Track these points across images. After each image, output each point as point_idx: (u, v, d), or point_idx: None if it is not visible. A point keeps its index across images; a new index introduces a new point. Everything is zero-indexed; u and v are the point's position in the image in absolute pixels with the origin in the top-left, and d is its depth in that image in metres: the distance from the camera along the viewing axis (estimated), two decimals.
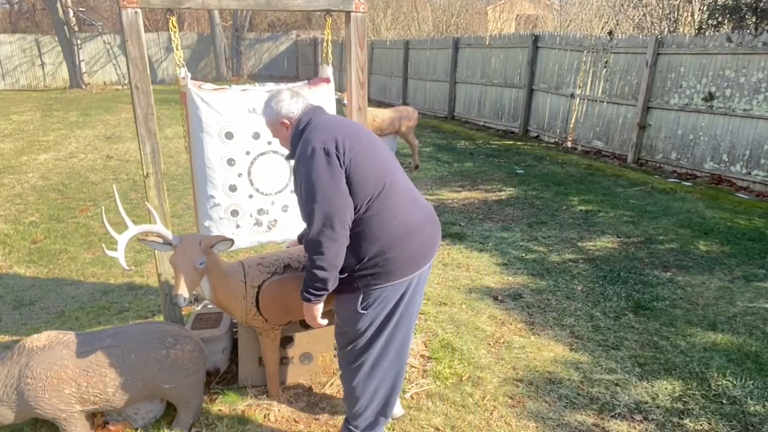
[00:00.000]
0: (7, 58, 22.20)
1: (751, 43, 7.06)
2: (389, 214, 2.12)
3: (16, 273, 4.59)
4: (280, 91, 2.36)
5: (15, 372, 2.35)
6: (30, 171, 8.14)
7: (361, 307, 2.20)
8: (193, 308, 3.51)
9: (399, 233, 2.13)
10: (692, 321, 3.77)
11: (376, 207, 2.11)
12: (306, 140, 2.14)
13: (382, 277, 2.15)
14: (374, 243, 2.11)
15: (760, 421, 2.77)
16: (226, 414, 2.78)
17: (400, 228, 2.14)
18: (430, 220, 2.28)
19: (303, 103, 2.33)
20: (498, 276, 4.53)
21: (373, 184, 2.11)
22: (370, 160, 2.13)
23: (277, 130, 2.36)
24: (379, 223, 2.11)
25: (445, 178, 7.85)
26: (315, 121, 2.22)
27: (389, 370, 2.35)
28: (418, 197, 2.28)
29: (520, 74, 11.41)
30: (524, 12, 24.68)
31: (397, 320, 2.26)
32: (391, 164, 2.24)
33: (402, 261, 2.15)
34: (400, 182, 2.21)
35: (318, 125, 2.19)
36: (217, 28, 24.72)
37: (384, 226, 2.11)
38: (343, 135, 2.12)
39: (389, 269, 2.14)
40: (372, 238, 2.11)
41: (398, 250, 2.14)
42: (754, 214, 6.12)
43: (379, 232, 2.11)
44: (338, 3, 2.95)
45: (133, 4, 2.59)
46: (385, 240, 2.12)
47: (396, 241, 2.13)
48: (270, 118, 2.34)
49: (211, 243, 2.43)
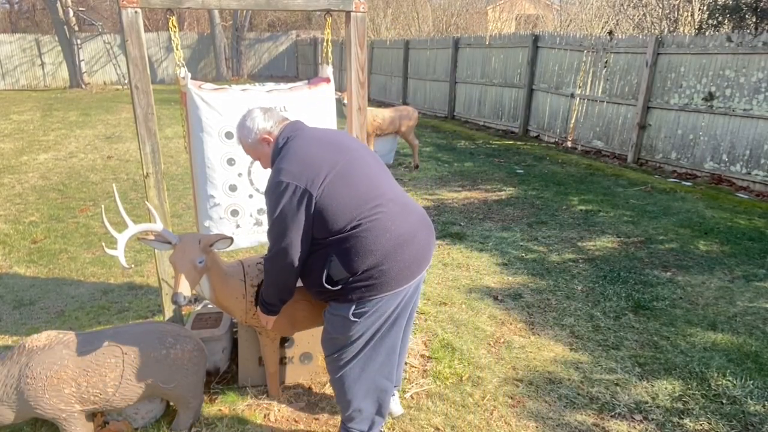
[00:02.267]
0: (7, 57, 22.21)
1: (751, 43, 7.06)
2: (380, 227, 2.07)
3: (16, 273, 4.59)
4: (249, 111, 2.30)
5: (15, 372, 2.35)
6: (30, 171, 8.14)
7: (353, 315, 2.15)
8: (193, 308, 3.51)
9: (392, 245, 2.09)
10: (692, 321, 3.77)
11: (366, 223, 2.06)
12: (277, 170, 2.10)
13: (377, 289, 2.11)
14: (367, 257, 2.07)
15: (760, 421, 2.77)
16: (226, 414, 2.78)
17: (393, 239, 2.09)
18: (423, 224, 2.23)
19: (278, 117, 2.29)
20: (498, 276, 4.53)
21: (356, 205, 2.06)
22: (349, 184, 2.08)
23: (257, 150, 2.30)
24: (370, 237, 2.06)
25: (445, 178, 7.85)
26: (290, 144, 2.17)
27: (379, 372, 2.31)
28: (408, 204, 2.23)
29: (520, 74, 11.41)
30: (524, 12, 24.68)
31: (389, 327, 2.23)
32: (378, 176, 2.18)
33: (398, 271, 2.11)
34: (388, 194, 2.16)
35: (292, 151, 2.13)
36: (217, 27, 24.71)
37: (376, 240, 2.06)
38: (317, 167, 2.06)
39: (384, 280, 2.10)
40: (364, 252, 2.06)
41: (393, 261, 2.09)
42: (754, 214, 6.12)
43: (371, 246, 2.06)
44: (338, 3, 2.95)
45: (133, 4, 2.59)
46: (379, 253, 2.07)
47: (390, 253, 2.09)
48: (249, 139, 2.28)
49: (210, 242, 2.44)
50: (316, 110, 3.12)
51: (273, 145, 2.26)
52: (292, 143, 2.17)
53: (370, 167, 2.20)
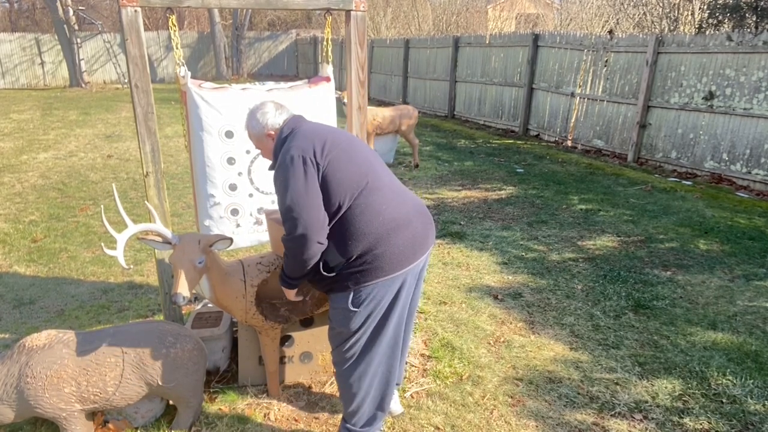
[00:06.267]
0: (6, 56, 22.19)
1: (751, 42, 7.05)
2: (374, 210, 2.15)
3: (16, 272, 4.59)
4: (264, 103, 2.39)
5: (15, 371, 2.35)
6: (30, 170, 8.13)
7: (353, 305, 2.21)
8: (193, 307, 3.51)
9: (386, 228, 2.16)
10: (692, 320, 3.77)
11: (360, 204, 2.14)
12: (286, 149, 2.21)
13: (371, 274, 2.16)
14: (361, 240, 2.14)
15: (760, 420, 2.77)
16: (226, 413, 2.78)
17: (387, 223, 2.16)
18: (419, 213, 2.29)
19: (287, 114, 2.38)
20: (498, 275, 4.53)
21: (355, 181, 2.15)
22: (350, 160, 2.19)
23: (261, 142, 2.40)
24: (364, 220, 2.14)
25: (445, 177, 7.85)
26: (296, 131, 2.27)
27: (382, 364, 2.37)
28: (403, 192, 2.32)
29: (520, 73, 11.40)
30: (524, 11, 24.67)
31: (389, 317, 2.28)
32: (374, 163, 2.29)
33: (391, 255, 2.17)
34: (383, 179, 2.25)
35: (298, 134, 2.25)
36: (217, 26, 24.69)
37: (369, 223, 2.14)
38: (321, 140, 2.19)
39: (378, 265, 2.16)
40: (358, 236, 2.14)
41: (386, 245, 2.16)
42: (754, 213, 6.12)
43: (364, 228, 2.14)
44: (338, 2, 2.95)
45: (133, 3, 2.59)
46: (372, 236, 2.14)
47: (383, 237, 2.15)
48: (255, 131, 2.37)
49: (210, 242, 2.44)
50: (316, 109, 3.12)
51: (276, 137, 2.34)
52: (297, 130, 2.28)
53: (369, 153, 2.33)
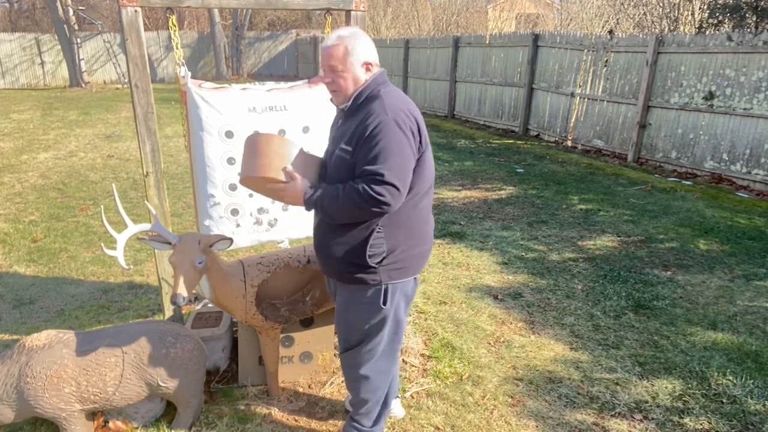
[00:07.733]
0: (7, 56, 22.18)
1: (751, 42, 7.05)
2: (427, 210, 2.24)
3: (16, 272, 4.59)
4: (360, 31, 2.09)
5: (15, 371, 2.35)
6: (30, 170, 8.13)
7: (383, 302, 2.20)
8: (193, 307, 3.51)
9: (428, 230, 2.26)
10: (692, 320, 3.77)
11: (419, 201, 2.17)
12: (395, 108, 2.00)
13: (404, 272, 2.21)
14: (410, 236, 2.17)
15: (760, 420, 2.77)
16: (226, 413, 2.78)
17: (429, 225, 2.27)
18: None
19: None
20: (498, 275, 4.52)
21: (428, 179, 2.18)
22: (430, 158, 2.20)
23: (348, 67, 2.05)
24: (420, 217, 2.19)
25: (445, 177, 7.85)
26: (393, 94, 2.07)
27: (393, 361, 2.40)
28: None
29: (520, 73, 11.40)
30: (524, 11, 24.67)
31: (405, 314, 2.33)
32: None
33: (419, 257, 2.24)
34: (431, 193, 2.29)
35: (402, 100, 2.08)
36: (217, 26, 24.68)
37: (425, 222, 2.23)
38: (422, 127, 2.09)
39: (409, 264, 2.21)
40: (410, 230, 2.16)
41: (422, 246, 2.23)
42: (754, 213, 6.12)
43: (416, 225, 2.18)
44: (338, 1, 2.95)
45: (133, 3, 2.59)
46: (419, 235, 2.21)
47: (425, 237, 2.24)
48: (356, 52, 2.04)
49: (210, 242, 2.43)
50: (316, 109, 3.12)
51: (369, 81, 2.08)
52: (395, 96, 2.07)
53: None
